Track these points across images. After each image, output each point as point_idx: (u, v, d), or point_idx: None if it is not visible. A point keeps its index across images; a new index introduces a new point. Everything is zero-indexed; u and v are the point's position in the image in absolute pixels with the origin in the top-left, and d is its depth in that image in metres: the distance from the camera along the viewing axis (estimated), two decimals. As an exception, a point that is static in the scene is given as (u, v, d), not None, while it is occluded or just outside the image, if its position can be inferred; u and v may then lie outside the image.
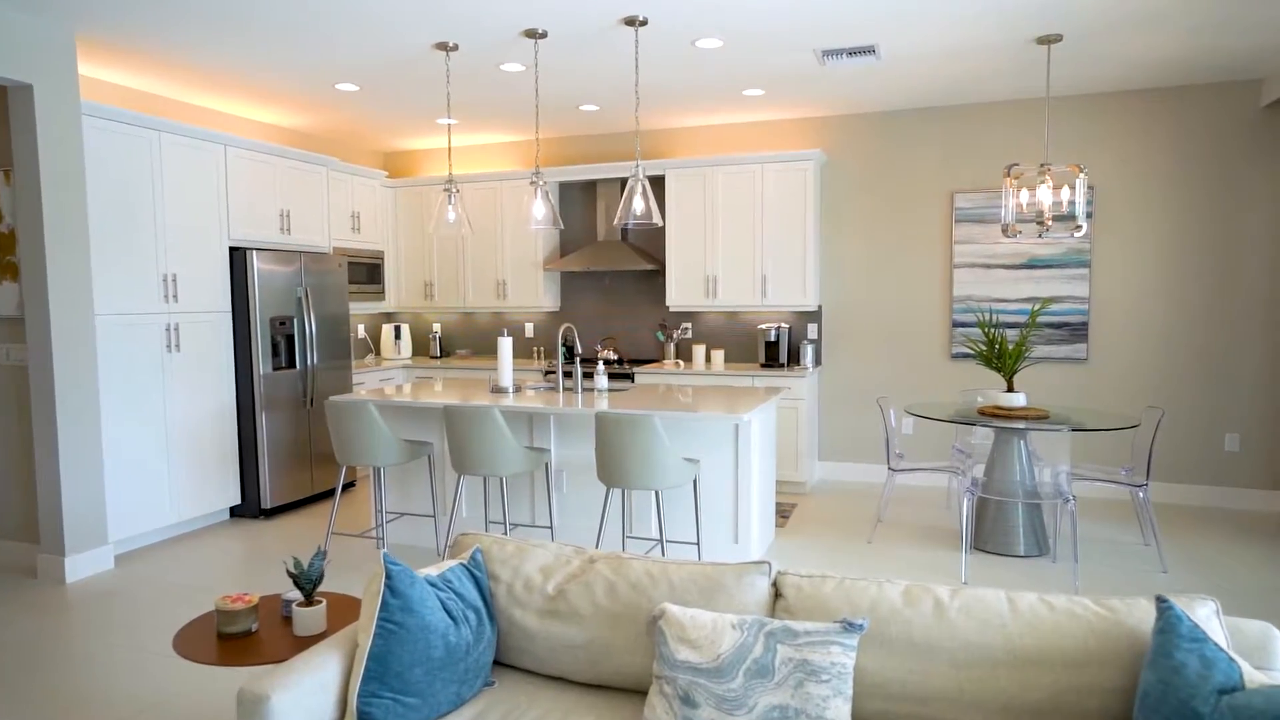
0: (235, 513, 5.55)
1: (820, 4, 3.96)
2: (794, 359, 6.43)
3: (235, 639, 2.39)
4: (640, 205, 4.24)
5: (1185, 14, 4.11)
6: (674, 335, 6.76)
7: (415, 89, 5.46)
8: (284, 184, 5.83)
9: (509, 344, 4.83)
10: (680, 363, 6.59)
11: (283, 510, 5.68)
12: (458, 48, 4.56)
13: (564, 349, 6.44)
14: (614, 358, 6.70)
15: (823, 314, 6.44)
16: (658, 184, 6.78)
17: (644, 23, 4.16)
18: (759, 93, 5.63)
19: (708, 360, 6.66)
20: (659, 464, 3.81)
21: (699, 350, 6.39)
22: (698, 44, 4.54)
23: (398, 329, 7.33)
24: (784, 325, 6.20)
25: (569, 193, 7.14)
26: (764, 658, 1.82)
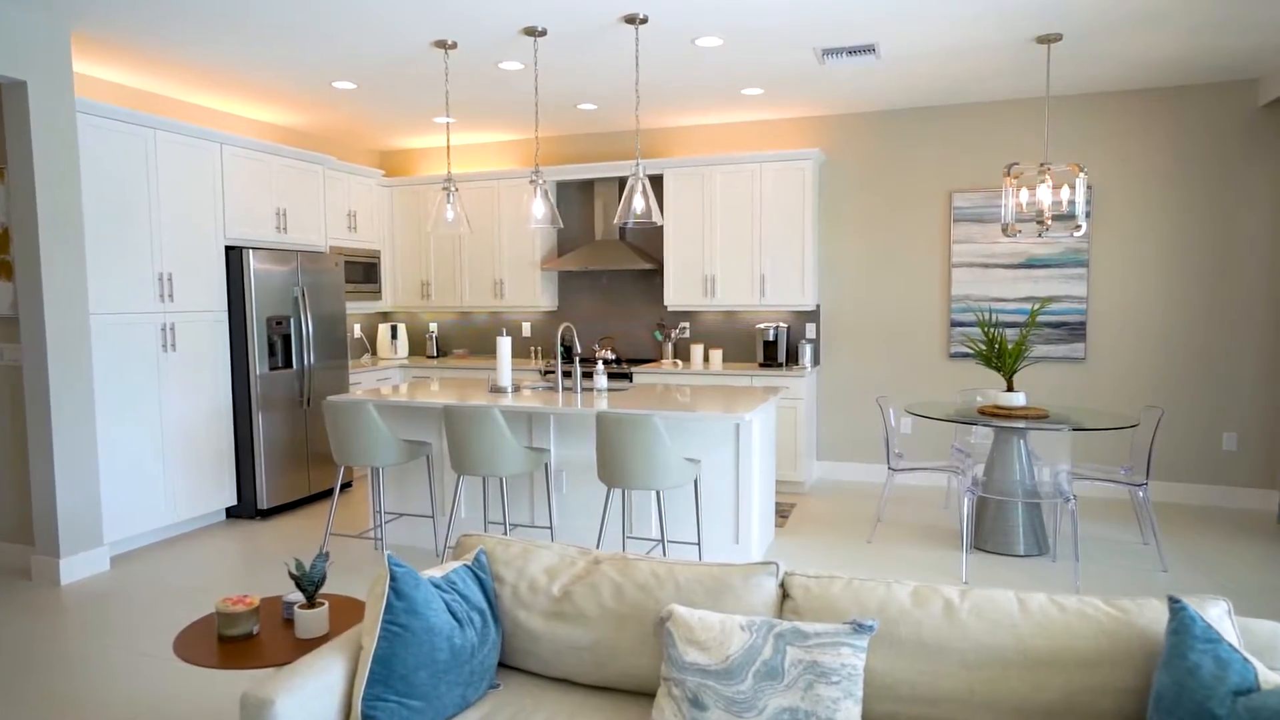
0: (231, 513, 5.51)
1: (821, 3, 3.94)
2: (792, 359, 6.42)
3: (236, 642, 2.37)
4: (640, 204, 4.22)
5: (1185, 14, 4.11)
6: (672, 335, 6.74)
7: (413, 87, 5.43)
8: (280, 183, 5.80)
9: (508, 344, 4.81)
10: (678, 362, 6.57)
11: (279, 511, 5.64)
12: (456, 46, 4.54)
13: (562, 349, 6.41)
14: (612, 357, 6.68)
15: (821, 313, 6.43)
16: (655, 183, 6.75)
17: (644, 21, 4.14)
18: (758, 92, 5.62)
19: (706, 360, 6.64)
20: (661, 464, 3.79)
21: (697, 350, 6.38)
22: (697, 42, 4.52)
23: (394, 329, 7.30)
24: (782, 325, 6.19)
25: (566, 192, 7.12)
26: (773, 659, 1.80)
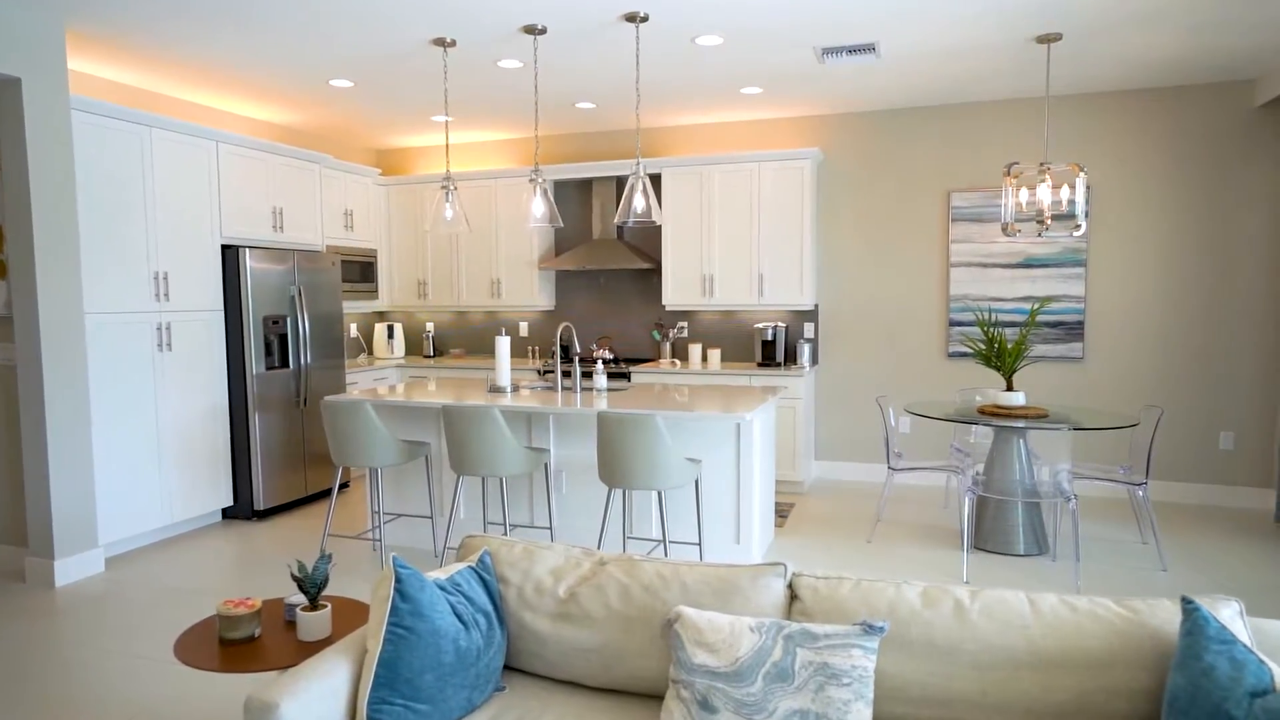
0: (228, 514, 5.48)
1: (821, 2, 3.93)
2: (790, 358, 6.41)
3: (238, 645, 2.34)
4: (641, 203, 4.20)
5: (1185, 13, 4.11)
6: (670, 334, 6.72)
7: (411, 85, 5.40)
8: (277, 181, 5.76)
9: (507, 343, 4.79)
10: (676, 362, 6.56)
11: (276, 512, 5.61)
12: (455, 43, 4.51)
13: (560, 348, 6.37)
14: (609, 357, 6.66)
15: (819, 313, 6.42)
16: (654, 182, 6.74)
17: (645, 19, 4.12)
18: (757, 91, 5.61)
19: (704, 359, 6.63)
20: (662, 464, 3.78)
21: (695, 349, 6.36)
22: (697, 41, 4.50)
23: (391, 328, 7.26)
24: (780, 324, 6.18)
25: (564, 191, 7.09)
26: (783, 661, 1.79)
